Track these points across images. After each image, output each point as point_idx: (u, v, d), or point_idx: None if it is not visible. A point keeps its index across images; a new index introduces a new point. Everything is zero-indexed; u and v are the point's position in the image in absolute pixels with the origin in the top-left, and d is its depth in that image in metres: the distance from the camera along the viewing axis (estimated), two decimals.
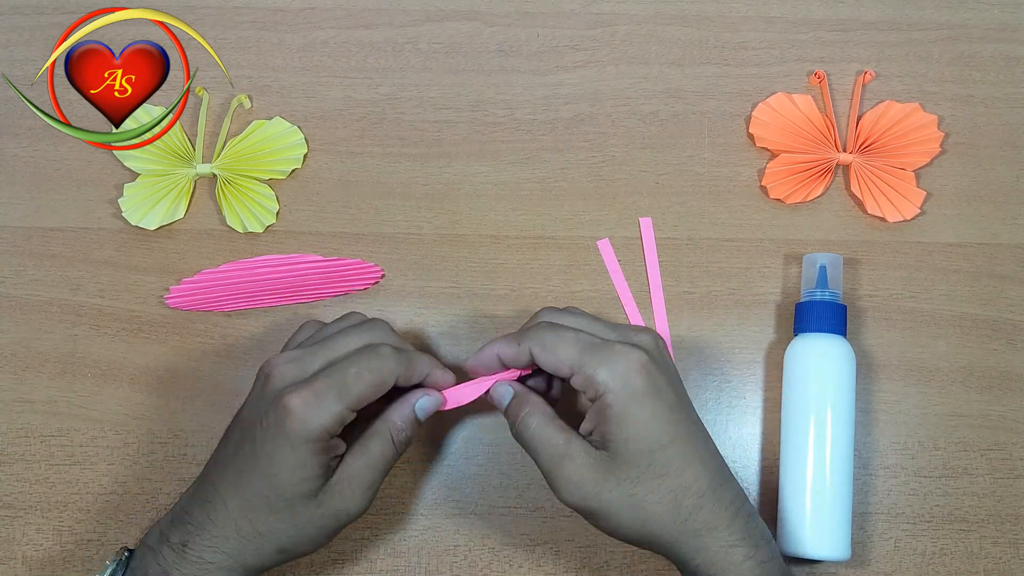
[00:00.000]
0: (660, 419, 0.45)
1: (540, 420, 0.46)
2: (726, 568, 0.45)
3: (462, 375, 0.57)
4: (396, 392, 0.48)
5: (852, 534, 0.52)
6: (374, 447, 0.47)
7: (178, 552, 0.45)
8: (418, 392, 0.48)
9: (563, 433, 0.46)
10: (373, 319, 0.50)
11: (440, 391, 0.49)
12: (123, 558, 0.48)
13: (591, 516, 0.46)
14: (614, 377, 0.44)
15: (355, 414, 0.45)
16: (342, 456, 0.46)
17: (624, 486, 0.44)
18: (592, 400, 0.45)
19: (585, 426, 0.46)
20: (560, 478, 0.45)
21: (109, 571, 0.47)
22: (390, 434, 0.47)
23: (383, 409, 0.48)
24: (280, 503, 0.45)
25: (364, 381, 0.45)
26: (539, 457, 0.46)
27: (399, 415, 0.47)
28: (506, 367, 0.48)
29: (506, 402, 0.48)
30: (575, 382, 0.45)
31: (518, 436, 0.47)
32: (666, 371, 0.47)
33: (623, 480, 0.44)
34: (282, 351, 0.49)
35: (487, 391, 0.49)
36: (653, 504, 0.45)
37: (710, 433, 0.48)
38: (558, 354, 0.45)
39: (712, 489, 0.45)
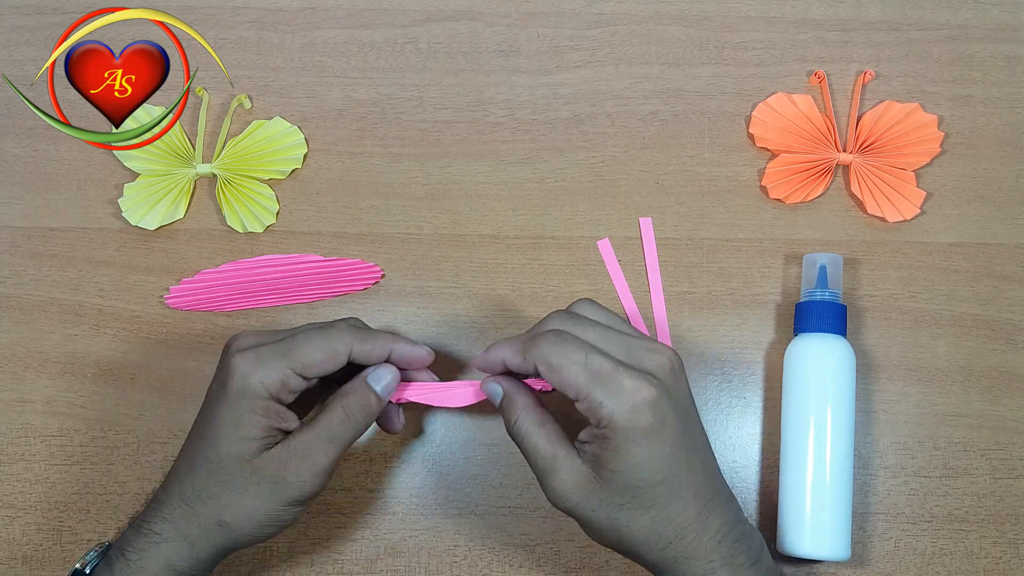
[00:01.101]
0: (656, 458, 0.43)
1: (529, 427, 0.46)
2: None
3: (465, 372, 0.57)
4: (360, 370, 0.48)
5: (852, 534, 0.52)
6: (323, 420, 0.46)
7: (134, 528, 0.46)
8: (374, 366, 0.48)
9: (550, 445, 0.45)
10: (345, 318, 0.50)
11: (407, 367, 0.48)
12: (104, 547, 0.48)
13: (577, 522, 0.46)
14: (619, 413, 0.43)
15: (305, 382, 0.46)
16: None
17: (606, 509, 0.44)
18: (595, 426, 0.44)
19: (583, 436, 0.45)
20: (547, 486, 0.45)
21: (90, 556, 0.48)
22: (341, 407, 0.46)
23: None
24: (217, 463, 0.45)
25: (311, 345, 0.45)
26: (529, 461, 0.46)
27: (351, 387, 0.47)
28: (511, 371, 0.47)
29: (498, 400, 0.47)
30: (580, 407, 0.44)
31: (512, 436, 0.47)
32: (677, 400, 0.45)
33: (606, 504, 0.44)
34: None
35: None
36: (634, 531, 0.44)
37: (710, 434, 0.48)
38: (563, 377, 0.44)
39: (698, 520, 0.45)
